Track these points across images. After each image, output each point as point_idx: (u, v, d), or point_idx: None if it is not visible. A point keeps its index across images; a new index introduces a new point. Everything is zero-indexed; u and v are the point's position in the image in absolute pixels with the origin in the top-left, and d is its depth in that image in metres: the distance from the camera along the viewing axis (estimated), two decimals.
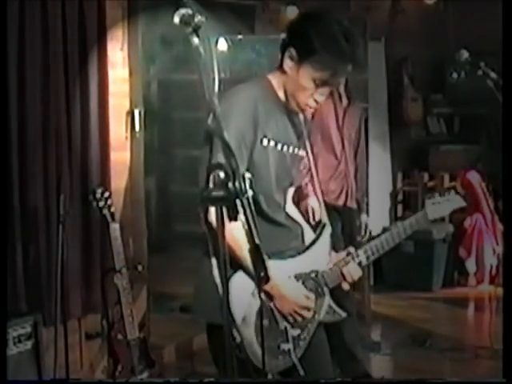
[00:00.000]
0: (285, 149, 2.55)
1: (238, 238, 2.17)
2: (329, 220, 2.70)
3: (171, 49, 6.70)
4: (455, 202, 2.76)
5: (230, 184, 1.64)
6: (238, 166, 1.67)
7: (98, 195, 3.75)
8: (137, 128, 4.56)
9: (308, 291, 2.54)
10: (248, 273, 2.41)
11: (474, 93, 6.28)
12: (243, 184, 1.65)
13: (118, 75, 4.44)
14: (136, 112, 4.55)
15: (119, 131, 4.48)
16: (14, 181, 3.79)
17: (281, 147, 2.53)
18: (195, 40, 1.69)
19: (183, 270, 2.69)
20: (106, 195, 3.77)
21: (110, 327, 3.92)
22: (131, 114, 4.54)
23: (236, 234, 2.16)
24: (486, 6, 6.45)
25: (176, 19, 1.69)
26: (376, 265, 6.60)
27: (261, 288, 2.34)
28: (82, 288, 4.17)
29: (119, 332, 3.85)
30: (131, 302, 3.88)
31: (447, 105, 7.51)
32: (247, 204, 1.65)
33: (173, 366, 4.69)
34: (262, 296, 2.45)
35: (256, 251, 1.68)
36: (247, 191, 1.65)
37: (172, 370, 4.59)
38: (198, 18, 1.68)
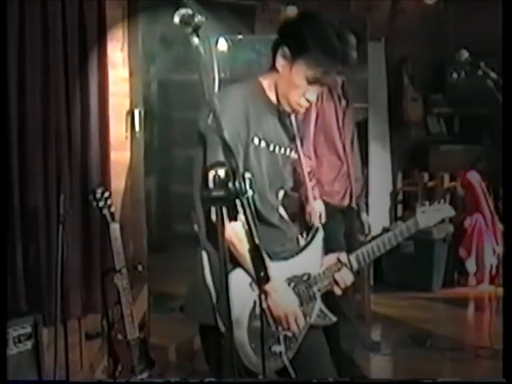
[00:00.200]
0: (276, 149, 2.56)
1: (240, 237, 2.17)
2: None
3: (171, 49, 6.69)
4: (444, 212, 2.81)
5: (230, 184, 1.64)
6: (238, 166, 1.68)
7: (98, 195, 3.74)
8: (137, 128, 4.56)
9: (297, 299, 2.53)
10: (246, 272, 2.41)
11: (474, 93, 6.28)
12: (243, 184, 1.65)
13: (118, 75, 4.44)
14: (136, 112, 4.55)
15: (119, 131, 4.48)
16: (14, 181, 3.79)
17: (272, 148, 2.54)
18: (195, 40, 1.69)
19: (183, 270, 2.67)
20: (106, 195, 3.77)
21: (110, 327, 3.92)
22: (131, 114, 4.54)
23: (237, 232, 2.16)
24: (486, 6, 6.44)
25: (176, 19, 1.69)
26: (376, 265, 6.60)
27: (261, 288, 2.33)
28: (82, 288, 4.17)
29: (119, 332, 3.85)
30: (131, 302, 3.87)
31: (447, 105, 7.50)
32: (247, 204, 1.65)
33: (173, 366, 4.69)
34: (257, 297, 2.44)
35: (256, 251, 1.68)
36: (247, 191, 1.65)
37: (172, 370, 4.59)
38: (198, 18, 1.68)
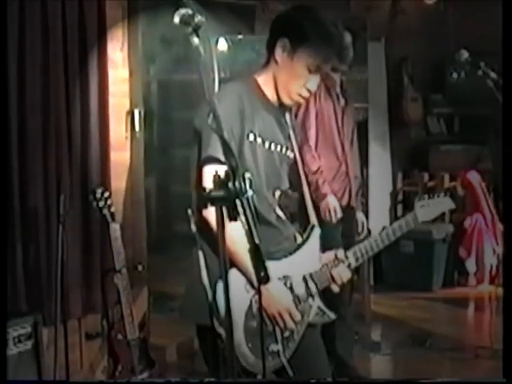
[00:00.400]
0: (272, 147, 2.55)
1: (236, 238, 2.15)
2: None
3: (171, 49, 6.69)
4: (444, 205, 2.76)
5: (230, 184, 1.64)
6: (238, 165, 1.67)
7: (98, 195, 3.74)
8: (137, 128, 4.56)
9: (294, 297, 2.52)
10: (242, 272, 2.41)
11: (474, 93, 6.27)
12: (243, 184, 1.65)
13: (118, 75, 4.44)
14: (136, 112, 4.55)
15: (119, 131, 4.48)
16: (14, 181, 3.79)
17: (268, 145, 2.53)
18: (195, 40, 1.69)
19: (183, 270, 2.67)
20: (106, 195, 3.77)
21: (110, 327, 3.92)
22: (131, 114, 4.54)
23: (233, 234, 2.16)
24: (486, 6, 6.45)
25: (176, 19, 1.69)
26: (376, 265, 6.61)
27: (259, 288, 2.33)
28: (82, 288, 4.16)
29: (119, 332, 3.85)
30: (131, 302, 3.87)
31: (447, 105, 7.50)
32: (247, 204, 1.64)
33: (173, 366, 4.69)
34: (253, 297, 2.44)
35: (256, 251, 1.68)
36: (247, 191, 1.65)
37: (172, 370, 4.59)
38: (198, 18, 1.68)
